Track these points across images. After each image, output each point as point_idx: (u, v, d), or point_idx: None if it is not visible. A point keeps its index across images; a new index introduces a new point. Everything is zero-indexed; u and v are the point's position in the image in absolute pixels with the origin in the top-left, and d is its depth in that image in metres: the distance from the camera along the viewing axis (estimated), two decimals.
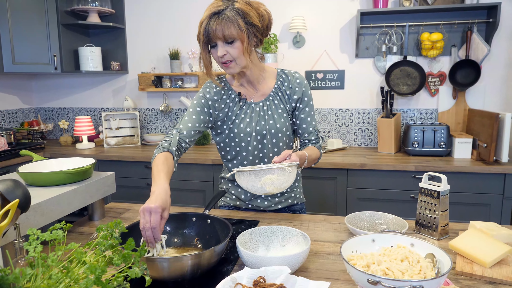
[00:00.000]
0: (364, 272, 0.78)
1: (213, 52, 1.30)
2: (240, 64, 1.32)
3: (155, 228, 0.99)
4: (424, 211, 1.26)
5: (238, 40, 1.27)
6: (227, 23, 1.23)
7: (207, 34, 1.26)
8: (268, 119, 1.43)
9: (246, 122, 1.44)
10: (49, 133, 3.75)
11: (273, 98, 1.45)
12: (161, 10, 3.33)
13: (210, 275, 1.04)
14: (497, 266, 1.03)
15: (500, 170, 2.32)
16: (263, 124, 1.43)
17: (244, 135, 1.43)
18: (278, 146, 1.46)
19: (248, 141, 1.44)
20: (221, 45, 1.27)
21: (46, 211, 1.19)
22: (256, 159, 1.47)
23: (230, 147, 1.48)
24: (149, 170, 2.85)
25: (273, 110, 1.44)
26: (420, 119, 2.99)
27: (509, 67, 2.80)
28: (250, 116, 1.44)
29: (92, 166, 1.42)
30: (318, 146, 1.49)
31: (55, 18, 3.03)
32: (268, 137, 1.44)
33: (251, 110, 1.44)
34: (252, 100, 1.46)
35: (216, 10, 1.24)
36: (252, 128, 1.43)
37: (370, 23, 2.90)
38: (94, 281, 0.67)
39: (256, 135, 1.43)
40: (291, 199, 1.56)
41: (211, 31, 1.25)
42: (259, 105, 1.44)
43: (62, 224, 0.84)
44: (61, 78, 3.65)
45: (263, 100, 1.45)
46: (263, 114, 1.44)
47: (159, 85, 3.27)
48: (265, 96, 1.45)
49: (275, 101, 1.45)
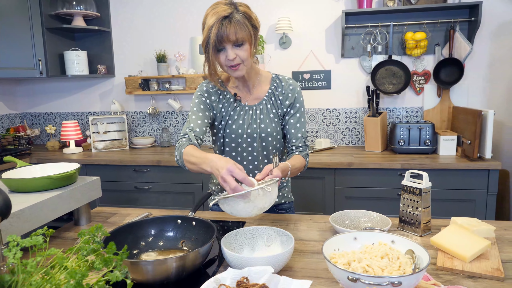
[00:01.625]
0: (344, 270, 0.79)
1: (220, 56, 1.31)
2: (247, 66, 1.35)
3: (244, 178, 1.08)
4: (407, 208, 1.29)
5: (247, 43, 1.30)
6: (239, 26, 1.26)
7: (219, 37, 1.26)
8: (260, 123, 1.46)
9: (239, 123, 1.47)
10: (35, 138, 3.71)
11: (266, 102, 1.48)
12: (147, 13, 3.32)
13: (195, 276, 1.05)
14: (476, 260, 1.06)
15: (484, 166, 2.37)
16: (255, 127, 1.46)
17: (235, 136, 1.47)
18: (267, 149, 1.49)
19: (239, 142, 1.48)
20: (230, 48, 1.29)
21: (30, 217, 1.18)
22: (244, 161, 1.51)
23: (223, 146, 1.52)
24: (138, 173, 2.84)
25: (265, 114, 1.47)
26: (406, 117, 3.03)
27: (491, 65, 2.86)
28: (243, 118, 1.47)
29: (76, 171, 1.41)
30: (305, 155, 1.49)
31: (39, 22, 3.00)
32: (259, 140, 1.47)
33: (244, 112, 1.47)
34: (246, 103, 1.49)
35: (226, 14, 1.25)
36: (244, 130, 1.46)
37: (355, 23, 2.93)
38: (75, 285, 0.67)
39: (247, 137, 1.47)
40: (279, 198, 1.59)
41: (224, 34, 1.25)
42: (252, 108, 1.47)
43: (44, 229, 0.84)
44: (47, 82, 3.62)
45: (256, 104, 1.48)
46: (255, 117, 1.47)
47: (146, 88, 3.26)
48: (259, 100, 1.48)
49: (268, 106, 1.48)
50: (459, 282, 0.97)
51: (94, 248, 0.80)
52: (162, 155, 2.97)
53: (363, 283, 0.76)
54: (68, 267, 0.75)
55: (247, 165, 1.51)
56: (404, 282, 0.76)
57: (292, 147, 1.50)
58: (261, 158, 1.50)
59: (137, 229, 1.20)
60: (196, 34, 3.25)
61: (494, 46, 2.83)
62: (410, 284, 0.78)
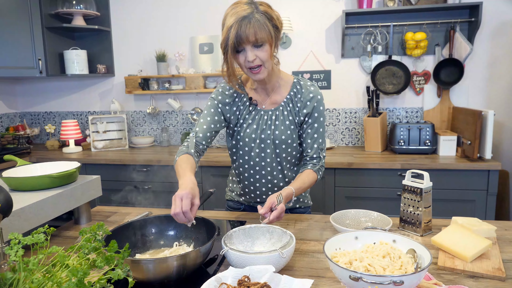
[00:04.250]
0: (346, 269, 0.79)
1: (239, 57, 1.28)
2: (268, 68, 1.31)
3: (186, 212, 1.06)
4: (407, 208, 1.29)
5: (267, 43, 1.26)
6: (259, 26, 1.22)
7: (239, 38, 1.22)
8: (275, 129, 1.42)
9: (253, 128, 1.43)
10: (35, 137, 3.70)
11: (284, 108, 1.42)
12: (147, 13, 3.32)
13: (196, 276, 1.04)
14: (478, 260, 1.06)
15: (484, 167, 2.37)
16: (269, 133, 1.42)
17: (248, 140, 1.44)
18: (281, 156, 1.45)
19: (252, 147, 1.44)
20: (250, 49, 1.25)
21: (30, 216, 1.18)
22: (257, 166, 1.47)
23: (236, 149, 1.50)
24: (137, 172, 2.83)
25: (281, 120, 1.42)
26: (406, 117, 3.03)
27: (491, 65, 2.86)
28: (258, 122, 1.43)
29: (77, 169, 1.41)
30: (317, 169, 1.44)
31: (39, 21, 3.00)
32: (272, 146, 1.43)
33: (260, 117, 1.43)
34: (263, 107, 1.44)
35: (246, 14, 1.21)
36: (257, 135, 1.43)
37: (355, 23, 2.93)
38: (76, 283, 0.67)
39: (260, 142, 1.43)
40: (294, 202, 1.56)
41: (244, 35, 1.21)
42: (268, 113, 1.43)
43: (45, 228, 0.84)
44: (47, 82, 3.61)
45: (273, 109, 1.43)
46: (270, 123, 1.42)
47: (146, 87, 3.26)
48: (276, 105, 1.43)
49: (285, 112, 1.42)
50: (461, 281, 0.97)
51: (95, 247, 0.80)
52: (162, 154, 2.96)
53: (365, 282, 0.76)
54: (69, 265, 0.75)
55: (259, 171, 1.47)
56: (406, 281, 0.76)
57: (306, 158, 1.45)
58: (274, 165, 1.46)
59: (138, 228, 1.20)
60: (196, 34, 3.24)
61: (494, 47, 2.83)
62: (412, 283, 0.78)
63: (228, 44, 1.24)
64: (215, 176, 2.73)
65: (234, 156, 1.53)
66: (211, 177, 2.74)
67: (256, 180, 1.50)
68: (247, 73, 1.32)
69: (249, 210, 1.61)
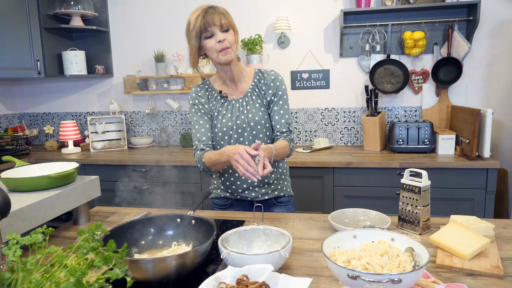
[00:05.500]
0: (344, 267, 0.79)
1: (209, 42, 1.43)
2: (234, 51, 1.47)
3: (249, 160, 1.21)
4: (406, 207, 1.29)
5: (231, 29, 1.45)
6: (223, 14, 1.43)
7: (206, 22, 1.40)
8: (247, 113, 1.55)
9: (228, 117, 1.56)
10: (34, 138, 3.70)
11: (251, 94, 1.58)
12: (145, 13, 3.32)
13: (195, 275, 1.04)
14: (476, 258, 1.06)
15: (483, 165, 2.37)
16: (243, 118, 1.55)
17: (226, 129, 1.55)
18: (257, 137, 1.57)
19: (230, 134, 1.56)
20: (218, 32, 1.42)
21: (29, 217, 1.18)
22: None
23: (215, 142, 1.59)
24: (136, 172, 2.83)
25: (251, 105, 1.56)
26: (405, 116, 3.04)
27: (489, 64, 2.86)
28: (231, 111, 1.56)
29: (75, 170, 1.41)
30: (289, 139, 1.56)
31: (37, 22, 2.99)
32: (248, 129, 1.55)
33: (232, 106, 1.57)
34: (233, 97, 1.59)
35: (210, 5, 1.44)
36: (233, 122, 1.55)
37: (353, 23, 2.93)
38: (75, 283, 0.67)
39: (237, 128, 1.55)
40: (277, 191, 1.64)
41: (210, 19, 1.40)
42: (238, 101, 1.57)
43: (43, 228, 0.84)
44: (45, 82, 3.61)
45: (242, 97, 1.58)
46: (242, 109, 1.56)
47: (144, 88, 3.26)
48: (244, 93, 1.58)
49: (253, 97, 1.57)
50: (459, 279, 0.97)
51: (93, 246, 0.80)
52: (161, 155, 2.96)
53: (363, 280, 0.76)
54: (68, 265, 0.75)
55: None
56: (404, 279, 0.76)
57: (277, 133, 1.58)
58: None
59: (137, 227, 1.20)
60: None
61: (492, 45, 2.84)
62: (410, 281, 0.78)
63: (195, 29, 1.42)
64: None
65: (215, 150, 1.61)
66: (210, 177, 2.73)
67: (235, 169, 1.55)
68: (217, 57, 1.46)
69: (236, 204, 1.67)
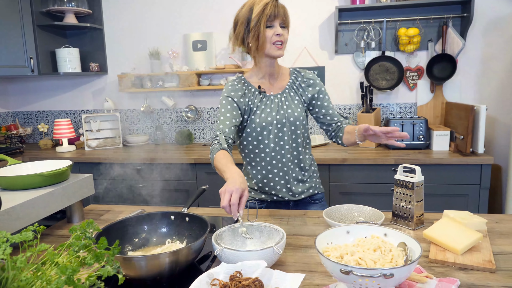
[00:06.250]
0: (337, 263, 0.79)
1: (268, 31, 1.43)
2: (284, 49, 1.49)
3: (234, 205, 1.11)
4: (399, 202, 1.29)
5: (287, 28, 1.48)
6: (285, 11, 1.46)
7: (275, 12, 1.41)
8: (287, 109, 1.54)
9: (267, 112, 1.53)
10: (28, 137, 3.68)
11: (289, 91, 1.58)
12: (139, 10, 3.30)
13: (189, 272, 1.04)
14: (468, 253, 1.06)
15: (477, 161, 2.38)
16: (282, 113, 1.53)
17: (265, 124, 1.52)
18: (296, 133, 1.55)
19: (270, 129, 1.53)
20: (278, 26, 1.43)
21: (21, 215, 1.17)
22: (277, 147, 1.54)
23: (251, 138, 1.55)
24: (132, 171, 2.82)
25: (289, 101, 1.56)
26: (400, 113, 3.04)
27: (483, 60, 2.87)
28: (270, 107, 1.54)
29: (68, 168, 1.40)
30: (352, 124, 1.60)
31: (30, 19, 2.97)
32: (288, 124, 1.54)
33: (271, 102, 1.55)
34: (271, 93, 1.57)
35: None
36: (273, 117, 1.53)
37: (348, 20, 2.93)
38: (66, 281, 0.67)
39: (277, 123, 1.53)
40: (312, 189, 1.64)
41: (278, 11, 1.42)
42: (277, 97, 1.56)
43: (35, 226, 0.83)
44: (39, 80, 3.59)
45: (280, 93, 1.57)
46: (281, 104, 1.55)
47: (139, 85, 3.25)
48: (281, 89, 1.58)
49: (291, 94, 1.58)
50: (451, 274, 0.98)
51: (85, 244, 0.79)
52: (156, 153, 2.95)
53: (355, 276, 0.76)
54: (59, 263, 0.75)
55: (275, 156, 1.54)
56: (396, 274, 0.76)
57: (338, 123, 1.61)
58: (287, 148, 1.54)
59: (130, 225, 1.19)
60: (189, 31, 3.23)
61: (486, 42, 2.84)
62: (402, 276, 0.78)
63: (263, 15, 1.40)
64: (209, 174, 2.73)
65: (247, 148, 1.58)
66: (205, 174, 2.74)
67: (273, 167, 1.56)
68: (269, 49, 1.45)
69: (272, 207, 1.62)
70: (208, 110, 3.32)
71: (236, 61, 3.09)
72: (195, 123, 3.37)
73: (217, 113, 1.58)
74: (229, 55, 3.18)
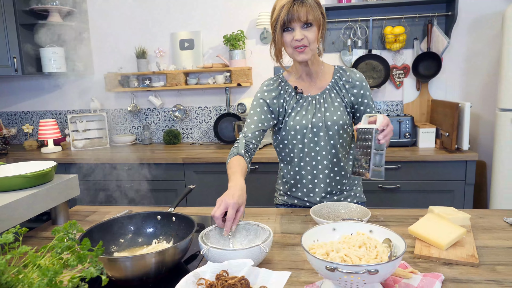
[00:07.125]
0: (322, 260, 0.80)
1: (287, 35, 1.33)
2: (312, 50, 1.35)
3: (229, 221, 1.09)
4: (358, 154, 1.22)
5: (315, 25, 1.32)
6: (311, 8, 1.30)
7: (289, 16, 1.29)
8: (325, 112, 1.43)
9: (302, 114, 1.44)
10: (12, 138, 3.61)
11: (330, 91, 1.45)
12: (125, 8, 3.26)
13: (176, 272, 1.04)
14: (452, 248, 1.08)
15: (462, 158, 2.42)
16: (319, 116, 1.42)
17: (299, 128, 1.43)
18: (334, 138, 1.43)
19: (304, 133, 1.43)
20: (298, 29, 1.31)
21: (4, 217, 1.15)
22: (312, 152, 1.45)
23: (287, 141, 1.48)
24: (118, 171, 2.79)
25: (329, 103, 1.44)
26: (387, 111, 3.07)
27: (468, 58, 2.92)
28: (306, 109, 1.44)
29: (52, 169, 1.38)
30: None
31: (13, 18, 2.91)
32: (325, 129, 1.42)
33: (308, 103, 1.45)
34: (309, 94, 1.46)
35: None
36: (308, 120, 1.43)
37: (335, 18, 2.95)
38: (47, 283, 0.66)
39: (312, 127, 1.42)
40: (350, 198, 1.53)
41: (296, 13, 1.29)
42: (315, 98, 1.45)
43: (16, 228, 0.82)
44: (23, 80, 3.52)
45: (319, 94, 1.45)
46: (319, 107, 1.44)
47: (126, 85, 3.21)
48: (321, 90, 1.46)
49: (332, 95, 1.45)
50: (436, 269, 0.99)
51: (68, 245, 0.78)
52: (144, 152, 2.93)
53: (340, 272, 0.77)
54: (41, 265, 0.73)
55: (311, 161, 1.45)
56: (381, 270, 0.76)
57: None
58: (324, 154, 1.44)
59: (116, 226, 1.18)
60: (176, 30, 3.21)
61: (470, 40, 2.89)
62: (387, 271, 0.79)
63: (278, 22, 1.31)
64: (197, 173, 2.72)
65: (283, 151, 1.51)
66: (193, 173, 2.73)
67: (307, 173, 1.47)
68: (292, 54, 1.37)
69: None
70: (196, 109, 3.31)
71: (224, 60, 3.08)
72: (183, 122, 3.35)
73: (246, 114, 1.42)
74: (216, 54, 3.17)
